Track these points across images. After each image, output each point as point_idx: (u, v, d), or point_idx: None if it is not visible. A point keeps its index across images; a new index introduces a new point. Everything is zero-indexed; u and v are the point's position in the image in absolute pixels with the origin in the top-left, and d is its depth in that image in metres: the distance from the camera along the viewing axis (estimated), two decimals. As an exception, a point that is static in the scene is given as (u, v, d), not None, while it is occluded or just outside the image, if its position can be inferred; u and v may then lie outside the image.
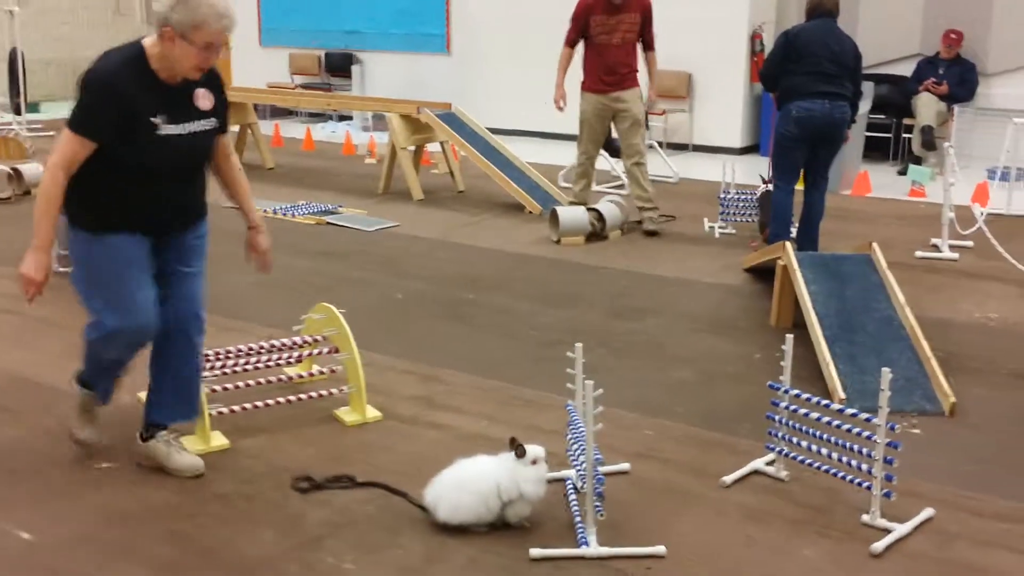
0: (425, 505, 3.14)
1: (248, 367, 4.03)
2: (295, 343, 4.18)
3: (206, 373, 3.78)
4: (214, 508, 3.26)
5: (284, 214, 7.68)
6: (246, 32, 14.07)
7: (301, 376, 4.20)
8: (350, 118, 12.94)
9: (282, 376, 4.23)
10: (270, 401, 3.92)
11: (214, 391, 3.79)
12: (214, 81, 3.31)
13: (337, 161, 10.38)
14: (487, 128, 8.62)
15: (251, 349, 4.13)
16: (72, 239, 3.30)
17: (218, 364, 3.98)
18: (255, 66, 13.84)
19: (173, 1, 3.03)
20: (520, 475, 3.06)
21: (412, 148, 8.50)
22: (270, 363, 4.11)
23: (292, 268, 6.19)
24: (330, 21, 13.36)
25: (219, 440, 3.70)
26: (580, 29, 7.06)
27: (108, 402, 3.67)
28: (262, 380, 4.04)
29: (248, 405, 3.84)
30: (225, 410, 3.77)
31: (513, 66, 11.35)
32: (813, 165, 6.20)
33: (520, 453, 3.07)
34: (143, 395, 4.10)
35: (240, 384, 3.95)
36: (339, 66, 13.32)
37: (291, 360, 4.19)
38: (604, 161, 8.92)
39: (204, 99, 3.27)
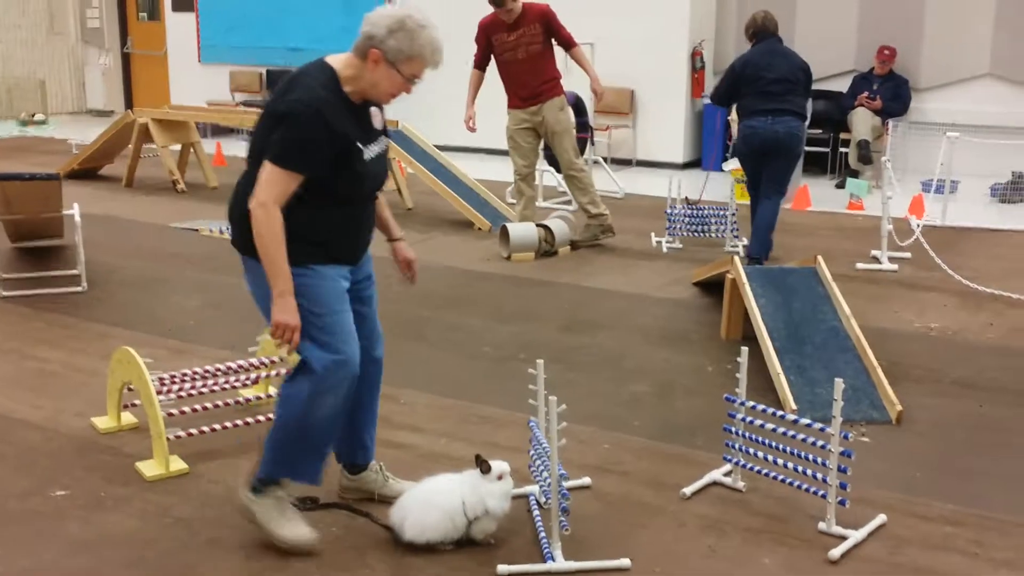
0: (390, 525, 3.16)
1: (204, 390, 4.02)
2: (251, 365, 4.17)
3: (161, 397, 3.76)
4: (176, 533, 3.23)
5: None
6: (184, 49, 13.96)
7: (259, 398, 4.19)
8: (293, 136, 12.86)
9: (239, 399, 4.20)
10: (228, 424, 3.90)
11: (171, 415, 3.76)
12: None
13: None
14: (434, 145, 8.66)
15: (207, 372, 4.12)
16: (263, 280, 3.00)
17: (174, 387, 3.96)
18: (194, 84, 13.72)
19: (391, 26, 2.88)
20: (485, 491, 3.09)
21: (359, 166, 8.49)
22: (226, 385, 4.10)
23: (241, 289, 6.09)
24: (271, 38, 13.29)
25: (178, 464, 3.67)
26: (484, 50, 7.13)
27: (320, 481, 3.18)
28: (219, 403, 4.03)
29: (206, 428, 3.82)
30: (183, 434, 3.75)
31: (458, 82, 11.37)
32: (765, 177, 6.57)
33: (485, 469, 3.10)
34: (97, 421, 4.07)
35: (197, 407, 3.93)
36: (281, 83, 13.24)
37: (247, 382, 4.19)
38: (551, 176, 9.02)
39: (377, 118, 3.10)
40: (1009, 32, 9.63)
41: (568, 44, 7.08)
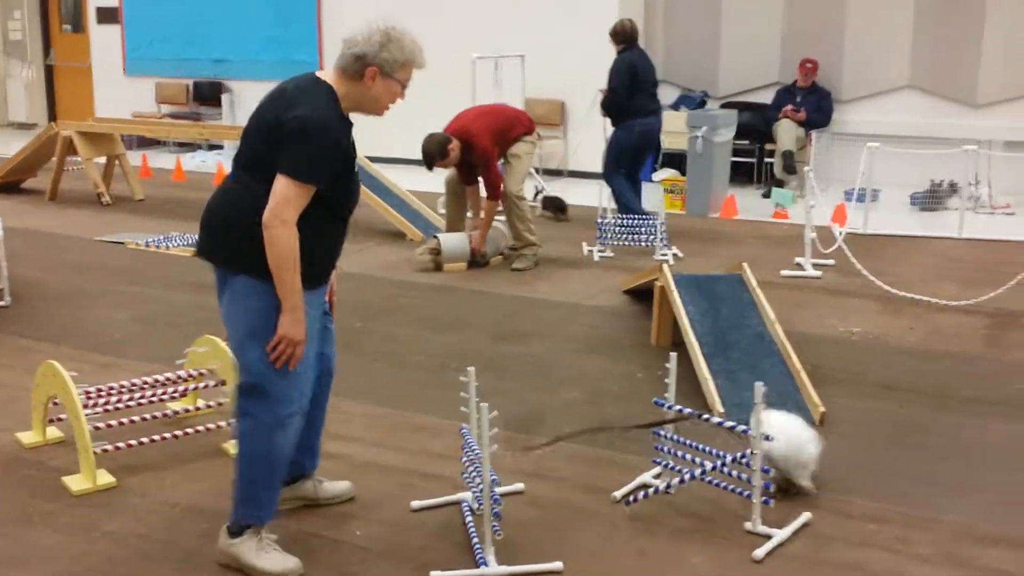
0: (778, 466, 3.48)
1: (132, 403, 3.96)
2: (179, 377, 4.12)
3: (88, 411, 3.70)
4: (104, 547, 3.19)
5: (157, 246, 7.52)
6: (110, 61, 13.72)
7: (187, 410, 4.14)
8: (221, 147, 12.72)
9: (167, 411, 4.14)
10: (156, 437, 3.85)
11: (98, 428, 3.70)
12: None
13: (209, 191, 10.10)
14: (365, 156, 8.63)
15: (134, 385, 4.06)
16: (246, 296, 2.99)
17: (100, 400, 3.90)
18: (119, 96, 13.48)
19: (380, 40, 2.92)
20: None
21: (289, 177, 8.43)
22: (154, 398, 4.04)
23: (169, 302, 6.07)
24: (197, 50, 13.13)
25: (105, 478, 3.62)
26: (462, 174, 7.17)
27: (277, 515, 3.17)
28: (147, 416, 3.97)
29: (134, 441, 3.77)
30: (110, 447, 3.69)
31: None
32: (636, 165, 8.09)
33: None
34: (22, 436, 3.99)
35: (124, 420, 3.87)
36: (208, 95, 13.10)
37: (176, 395, 4.13)
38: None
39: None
40: (928, 45, 9.92)
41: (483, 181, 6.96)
